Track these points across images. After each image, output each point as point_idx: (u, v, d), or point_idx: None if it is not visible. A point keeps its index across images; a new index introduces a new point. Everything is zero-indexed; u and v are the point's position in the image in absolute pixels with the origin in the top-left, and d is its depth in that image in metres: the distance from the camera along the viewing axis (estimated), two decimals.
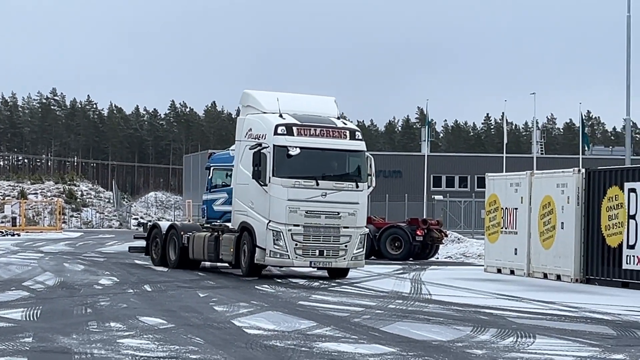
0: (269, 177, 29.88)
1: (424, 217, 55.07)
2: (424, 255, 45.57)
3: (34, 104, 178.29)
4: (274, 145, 29.94)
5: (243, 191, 31.74)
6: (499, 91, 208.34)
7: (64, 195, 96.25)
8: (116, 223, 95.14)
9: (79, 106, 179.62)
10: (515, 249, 35.46)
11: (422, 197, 74.62)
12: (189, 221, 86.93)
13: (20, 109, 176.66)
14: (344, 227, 30.13)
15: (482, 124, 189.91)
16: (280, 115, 30.55)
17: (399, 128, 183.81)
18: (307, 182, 29.96)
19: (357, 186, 30.54)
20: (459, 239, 54.19)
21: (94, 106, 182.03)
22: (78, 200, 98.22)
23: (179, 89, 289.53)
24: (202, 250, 33.14)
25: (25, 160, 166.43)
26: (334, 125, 30.96)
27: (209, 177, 47.52)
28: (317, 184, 30.00)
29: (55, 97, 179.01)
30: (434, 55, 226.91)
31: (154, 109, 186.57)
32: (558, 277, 32.73)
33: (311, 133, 30.37)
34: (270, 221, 29.94)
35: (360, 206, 30.70)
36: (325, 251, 30.14)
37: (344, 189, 30.31)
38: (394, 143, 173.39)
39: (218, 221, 45.67)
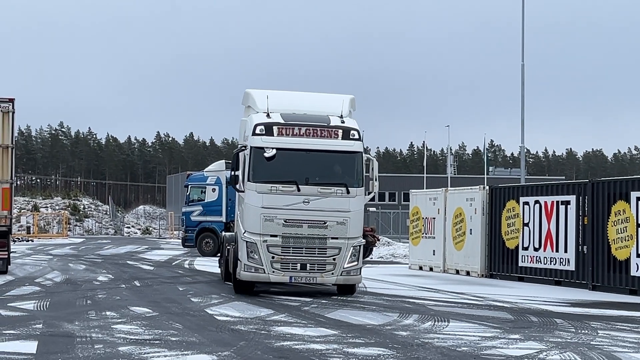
0: (246, 182, 22.85)
1: None
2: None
3: (45, 134, 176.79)
4: (250, 147, 22.70)
5: (239, 200, 24.88)
6: (421, 124, 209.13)
7: (69, 208, 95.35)
8: (112, 231, 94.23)
9: (82, 136, 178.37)
10: (434, 251, 35.62)
11: None
12: (171, 229, 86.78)
13: (33, 138, 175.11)
14: (332, 238, 22.34)
15: (407, 150, 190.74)
16: (268, 115, 23.06)
17: None
18: (286, 188, 22.23)
19: (348, 192, 22.47)
20: (388, 243, 54.33)
21: (94, 136, 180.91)
22: (81, 212, 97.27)
23: (164, 122, 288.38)
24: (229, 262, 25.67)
25: (38, 180, 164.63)
26: (325, 124, 22.93)
27: (187, 194, 47.70)
28: (298, 190, 22.23)
29: (63, 129, 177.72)
30: (369, 93, 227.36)
31: (143, 138, 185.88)
32: (467, 273, 32.89)
33: (294, 133, 22.67)
34: (245, 231, 22.66)
35: (353, 214, 22.67)
36: (308, 265, 22.29)
37: (331, 195, 22.39)
38: None
39: (195, 229, 45.84)
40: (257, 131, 22.60)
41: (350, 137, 22.90)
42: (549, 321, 18.27)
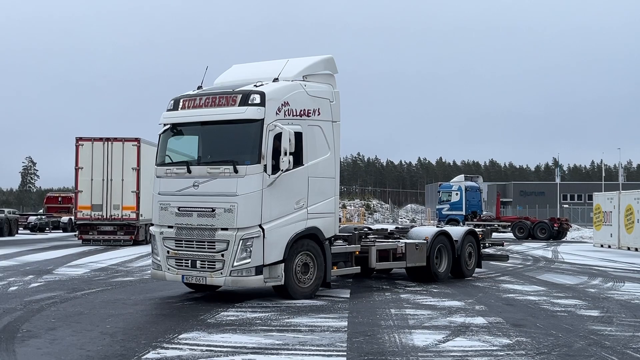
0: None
1: (558, 216, 52.64)
2: (559, 237, 43.62)
3: (349, 160, 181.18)
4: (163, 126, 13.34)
5: None
6: (599, 147, 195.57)
7: (364, 206, 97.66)
8: (391, 220, 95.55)
9: (371, 161, 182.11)
10: (611, 234, 33.51)
11: (557, 206, 71.65)
12: (428, 220, 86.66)
13: (342, 162, 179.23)
14: (222, 229, 12.17)
15: (590, 166, 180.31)
16: (198, 87, 13.60)
17: (542, 168, 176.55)
18: (180, 169, 12.78)
19: (236, 170, 12.11)
20: (578, 229, 51.89)
21: (379, 161, 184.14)
22: (371, 208, 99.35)
23: (422, 149, 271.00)
24: None
25: (345, 188, 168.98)
26: (228, 91, 12.70)
27: (439, 196, 47.79)
28: (189, 171, 12.63)
29: (359, 156, 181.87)
30: (559, 123, 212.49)
31: (409, 161, 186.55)
32: (636, 249, 30.58)
33: (195, 104, 12.86)
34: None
35: (242, 198, 12.05)
36: (198, 262, 12.43)
37: (219, 176, 12.28)
38: (539, 177, 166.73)
39: (442, 222, 45.63)
40: (168, 107, 13.28)
41: (249, 102, 12.34)
42: None
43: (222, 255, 12.12)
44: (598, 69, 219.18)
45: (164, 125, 13.10)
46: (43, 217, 49.57)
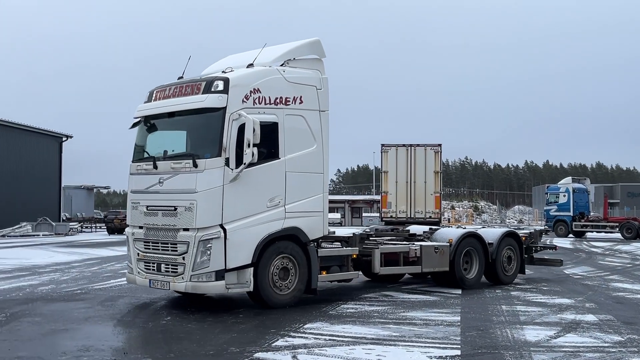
0: None
1: None
2: None
3: (457, 163, 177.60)
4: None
5: None
6: None
7: (472, 207, 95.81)
8: (498, 221, 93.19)
9: (479, 164, 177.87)
10: None
11: None
12: (536, 220, 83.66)
13: (450, 166, 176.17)
14: (184, 230, 10.00)
15: None
16: (180, 78, 11.14)
17: (638, 170, 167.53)
18: (148, 165, 10.69)
19: (196, 165, 9.89)
20: None
21: (486, 164, 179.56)
22: (479, 209, 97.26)
23: (530, 152, 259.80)
24: None
25: (452, 190, 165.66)
26: (195, 79, 10.60)
27: (547, 198, 46.23)
28: (155, 167, 10.52)
29: (467, 160, 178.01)
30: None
31: (516, 164, 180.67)
32: None
33: (165, 95, 10.75)
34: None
35: (201, 195, 9.83)
36: (162, 266, 10.34)
37: (181, 171, 10.09)
38: (633, 179, 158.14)
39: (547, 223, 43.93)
40: (145, 99, 11.21)
41: (212, 89, 10.16)
42: None
43: (184, 258, 10.07)
44: None
45: (136, 118, 11.21)
46: None
